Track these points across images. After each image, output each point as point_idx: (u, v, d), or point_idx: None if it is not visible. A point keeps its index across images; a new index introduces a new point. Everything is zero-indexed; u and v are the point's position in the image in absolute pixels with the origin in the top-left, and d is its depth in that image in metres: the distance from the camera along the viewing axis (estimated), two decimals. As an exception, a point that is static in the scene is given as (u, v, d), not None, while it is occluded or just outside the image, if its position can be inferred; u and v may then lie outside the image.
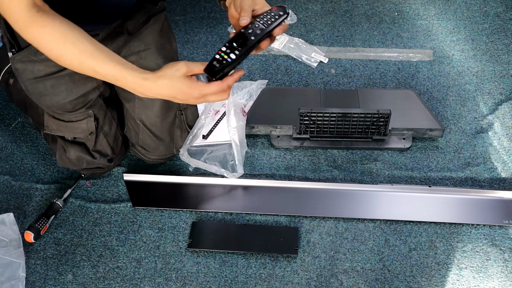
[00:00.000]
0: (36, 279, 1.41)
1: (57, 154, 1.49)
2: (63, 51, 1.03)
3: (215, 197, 1.54)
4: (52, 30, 1.02)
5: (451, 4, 2.08)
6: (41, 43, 1.03)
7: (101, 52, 1.04)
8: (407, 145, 1.63)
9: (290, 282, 1.39)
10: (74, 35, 1.03)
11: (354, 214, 1.49)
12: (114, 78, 1.03)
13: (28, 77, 1.32)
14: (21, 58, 1.29)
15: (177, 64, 1.01)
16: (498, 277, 1.38)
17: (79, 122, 1.43)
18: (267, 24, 1.01)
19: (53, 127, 1.45)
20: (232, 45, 0.99)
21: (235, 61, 0.99)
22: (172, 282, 1.39)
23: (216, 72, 0.99)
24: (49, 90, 1.35)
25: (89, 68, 1.04)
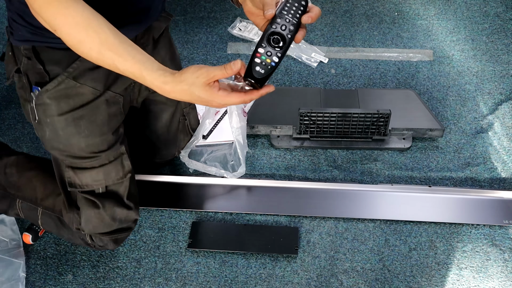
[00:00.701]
0: (36, 279, 1.41)
1: (82, 218, 1.28)
2: (84, 38, 0.94)
3: (215, 197, 1.54)
4: (75, 12, 0.93)
5: (451, 4, 2.08)
6: (61, 25, 0.94)
7: (123, 45, 0.96)
8: (407, 145, 1.63)
9: (290, 282, 1.39)
10: (98, 22, 0.95)
11: (354, 214, 1.49)
12: (132, 75, 0.97)
13: (60, 112, 1.17)
14: (56, 87, 1.15)
15: (199, 70, 0.92)
16: (498, 277, 1.38)
17: (113, 163, 1.27)
18: (295, 14, 0.94)
19: (80, 182, 1.25)
20: (270, 45, 0.92)
21: (279, 63, 0.92)
22: (172, 282, 1.40)
23: (263, 79, 0.92)
24: (85, 126, 1.20)
25: (108, 60, 0.96)
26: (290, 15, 0.93)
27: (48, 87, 1.14)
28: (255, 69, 0.91)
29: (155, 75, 0.94)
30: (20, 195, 1.37)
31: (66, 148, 1.22)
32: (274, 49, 0.92)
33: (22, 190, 1.37)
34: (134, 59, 0.94)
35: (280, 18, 0.93)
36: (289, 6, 0.94)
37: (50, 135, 1.20)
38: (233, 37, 1.98)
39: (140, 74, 0.94)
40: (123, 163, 1.28)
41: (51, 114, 1.17)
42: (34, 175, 1.37)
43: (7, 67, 1.21)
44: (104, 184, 1.26)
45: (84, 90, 1.16)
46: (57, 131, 1.19)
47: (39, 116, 1.18)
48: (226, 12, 2.08)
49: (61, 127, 1.19)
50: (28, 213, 1.38)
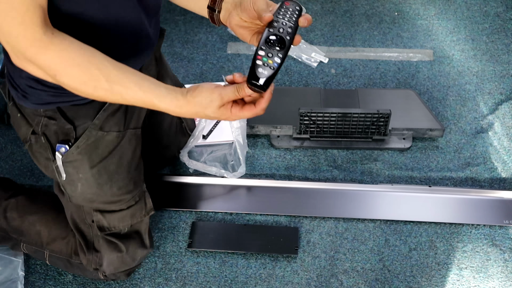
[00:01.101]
0: (36, 279, 1.40)
1: (104, 261, 1.29)
2: (87, 78, 0.90)
3: (215, 197, 1.54)
4: (73, 53, 0.89)
5: (451, 4, 2.08)
6: (62, 69, 0.90)
7: (127, 76, 0.92)
8: (407, 145, 1.63)
9: (290, 282, 1.39)
10: (98, 58, 0.91)
11: (354, 214, 1.49)
12: (144, 105, 0.94)
13: (92, 164, 1.15)
14: (86, 142, 1.12)
15: (212, 94, 0.91)
16: (498, 277, 1.38)
17: (138, 202, 1.28)
18: (291, 18, 0.93)
19: (108, 224, 1.25)
20: (270, 47, 0.90)
21: (281, 64, 0.90)
22: (172, 282, 1.39)
23: (267, 81, 0.89)
24: (115, 171, 1.19)
25: (116, 96, 0.93)
26: (286, 19, 0.93)
27: (78, 143, 1.11)
28: (258, 71, 0.88)
29: (167, 101, 0.92)
30: (24, 240, 1.36)
31: (98, 198, 1.21)
32: (274, 50, 0.90)
33: (25, 235, 1.35)
34: (141, 89, 0.92)
35: (277, 22, 0.92)
36: (284, 11, 0.94)
37: (82, 188, 1.18)
38: (233, 37, 1.98)
39: (151, 103, 0.93)
40: (145, 201, 1.30)
41: (83, 169, 1.15)
42: (37, 219, 1.35)
43: (20, 130, 1.16)
44: (129, 224, 1.28)
45: (110, 136, 1.15)
46: (90, 183, 1.17)
47: (68, 173, 1.15)
48: (226, 12, 2.08)
49: (95, 178, 1.17)
50: (34, 254, 1.38)
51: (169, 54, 1.93)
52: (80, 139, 1.11)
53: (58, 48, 0.88)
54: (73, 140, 1.11)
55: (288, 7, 0.95)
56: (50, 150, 1.13)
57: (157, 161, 1.56)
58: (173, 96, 0.92)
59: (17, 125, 1.16)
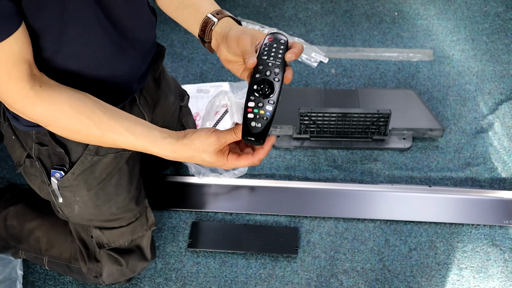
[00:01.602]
0: (35, 279, 1.40)
1: (104, 272, 1.28)
2: (78, 127, 0.90)
3: (215, 197, 1.54)
4: (62, 106, 0.89)
5: (451, 4, 2.08)
6: (52, 121, 0.90)
7: (119, 122, 0.91)
8: (407, 145, 1.63)
9: (290, 282, 1.39)
10: (87, 106, 0.90)
11: (354, 214, 1.49)
12: (137, 150, 0.93)
13: (89, 188, 1.14)
14: (81, 167, 1.10)
15: (209, 138, 0.88)
16: (498, 277, 1.38)
17: (139, 219, 1.26)
18: (277, 56, 0.86)
19: (107, 240, 1.25)
20: (259, 95, 0.84)
21: (275, 112, 0.84)
22: (172, 282, 1.39)
23: (262, 134, 0.83)
24: (113, 192, 1.18)
25: (109, 142, 0.92)
26: (272, 58, 0.86)
27: (73, 170, 1.10)
28: (251, 125, 0.83)
29: (161, 146, 0.91)
30: (23, 247, 1.36)
31: (96, 217, 1.20)
32: (264, 98, 0.83)
33: (24, 242, 1.35)
34: (134, 135, 0.91)
35: (263, 64, 0.85)
36: (268, 49, 0.87)
37: (80, 210, 1.17)
38: (233, 37, 1.98)
39: (144, 148, 0.91)
40: (147, 217, 1.29)
41: (80, 192, 1.14)
42: (36, 226, 1.35)
43: (13, 153, 1.15)
44: (130, 240, 1.27)
45: (107, 159, 1.13)
46: (88, 205, 1.16)
47: (65, 197, 1.14)
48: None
49: (92, 201, 1.16)
50: (34, 260, 1.38)
51: (169, 54, 1.93)
52: (75, 166, 1.09)
53: (46, 102, 0.88)
54: (67, 166, 1.09)
55: (271, 43, 0.88)
56: (45, 174, 1.12)
57: (159, 164, 1.56)
58: (168, 141, 0.90)
59: (11, 147, 1.15)
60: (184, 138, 0.90)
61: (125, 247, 1.28)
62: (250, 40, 0.88)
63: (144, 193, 1.28)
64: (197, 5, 0.99)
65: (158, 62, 1.24)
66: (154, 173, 1.58)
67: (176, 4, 1.02)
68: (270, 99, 0.84)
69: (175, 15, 1.04)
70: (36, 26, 0.86)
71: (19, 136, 1.12)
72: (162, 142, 0.90)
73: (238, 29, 0.91)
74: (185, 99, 1.45)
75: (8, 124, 1.12)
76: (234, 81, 1.83)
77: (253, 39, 0.89)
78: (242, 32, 0.90)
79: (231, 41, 0.90)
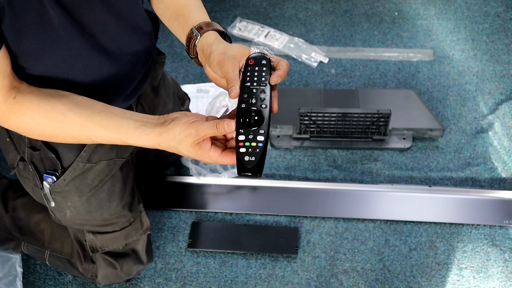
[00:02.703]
0: (35, 279, 1.40)
1: (99, 274, 1.29)
2: (52, 132, 0.90)
3: (215, 197, 1.54)
4: (32, 115, 0.88)
5: (451, 4, 2.08)
6: (27, 131, 0.91)
7: (91, 120, 0.88)
8: (407, 145, 1.63)
9: (290, 282, 1.39)
10: (57, 110, 0.88)
11: (354, 214, 1.49)
12: (114, 143, 0.90)
13: (81, 194, 1.13)
14: (73, 174, 1.10)
15: (187, 129, 0.81)
16: (498, 277, 1.38)
17: (133, 223, 1.26)
18: (260, 80, 0.81)
19: (101, 244, 1.24)
20: (248, 127, 0.79)
21: (267, 141, 0.79)
22: (172, 282, 1.39)
23: (257, 167, 0.79)
24: (106, 199, 1.17)
25: (86, 140, 0.91)
26: (255, 83, 0.81)
27: (65, 177, 1.09)
28: (245, 160, 0.78)
29: (135, 136, 0.86)
30: (26, 239, 1.36)
31: (88, 222, 1.20)
32: (254, 129, 0.79)
33: (28, 234, 1.35)
34: (107, 129, 0.87)
35: (247, 92, 0.81)
36: (250, 74, 0.82)
37: (71, 215, 1.17)
38: (233, 37, 1.98)
39: (120, 141, 0.88)
40: (141, 221, 1.28)
41: (72, 198, 1.13)
42: (41, 218, 1.35)
43: (7, 155, 1.15)
44: (124, 244, 1.26)
45: (99, 166, 1.12)
46: (80, 211, 1.16)
47: (56, 201, 1.14)
48: (226, 12, 2.08)
49: (84, 207, 1.16)
50: (35, 254, 1.38)
51: (169, 54, 1.92)
52: (66, 172, 1.09)
53: (17, 114, 0.88)
54: (60, 171, 1.09)
55: (253, 66, 0.83)
56: (38, 178, 1.11)
57: (160, 164, 1.56)
58: (141, 130, 0.85)
59: (5, 149, 1.15)
60: (161, 127, 0.84)
61: (119, 250, 1.27)
62: (231, 64, 0.84)
63: (138, 199, 1.28)
64: (186, 16, 0.96)
65: (158, 71, 1.22)
66: (154, 173, 1.58)
67: (168, 15, 1.00)
68: (260, 129, 0.79)
69: (168, 25, 1.02)
70: (15, 50, 0.86)
71: (13, 138, 1.12)
72: (135, 132, 0.85)
73: (219, 50, 0.86)
74: (185, 103, 1.44)
75: None
76: (234, 81, 1.82)
77: (235, 62, 0.84)
78: (223, 55, 0.85)
79: (213, 64, 0.87)
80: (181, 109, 1.40)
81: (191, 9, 0.97)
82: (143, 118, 0.87)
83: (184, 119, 0.83)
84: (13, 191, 1.39)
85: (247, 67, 0.83)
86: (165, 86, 1.30)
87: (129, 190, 1.23)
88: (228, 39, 0.93)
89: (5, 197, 1.38)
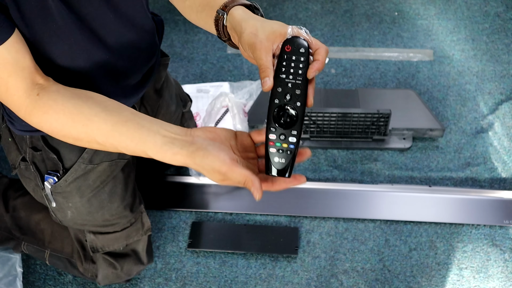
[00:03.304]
0: (35, 279, 1.40)
1: (99, 274, 1.29)
2: (76, 135, 0.85)
3: (215, 197, 1.54)
4: (56, 115, 0.84)
5: (451, 4, 2.08)
6: (50, 130, 0.87)
7: (118, 129, 0.83)
8: (407, 145, 1.63)
9: (290, 282, 1.39)
10: (83, 114, 0.84)
11: (354, 214, 1.49)
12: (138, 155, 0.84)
13: (82, 195, 1.13)
14: (74, 175, 1.09)
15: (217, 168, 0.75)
16: (498, 277, 1.38)
17: (134, 224, 1.25)
18: (297, 71, 0.76)
19: (101, 244, 1.24)
20: (280, 126, 0.76)
21: (298, 143, 0.76)
22: (172, 282, 1.39)
23: (284, 171, 0.76)
24: (107, 200, 1.16)
25: (110, 148, 0.86)
26: (291, 76, 0.76)
27: (66, 178, 1.08)
28: (274, 160, 0.75)
29: (161, 152, 0.80)
30: (26, 239, 1.36)
31: (89, 222, 1.20)
32: (286, 129, 0.76)
33: (28, 233, 1.36)
34: (133, 141, 0.82)
35: (281, 86, 0.76)
36: (286, 63, 0.76)
37: (72, 215, 1.16)
38: (233, 37, 1.98)
39: (145, 154, 0.83)
40: (142, 222, 1.27)
41: (73, 199, 1.13)
42: (42, 218, 1.35)
43: (9, 155, 1.14)
44: (125, 244, 1.26)
45: (101, 167, 1.11)
46: (81, 211, 1.16)
47: (58, 202, 1.13)
48: (226, 12, 2.08)
49: (85, 208, 1.15)
50: (35, 254, 1.38)
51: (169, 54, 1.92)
52: (68, 173, 1.08)
53: (41, 112, 0.85)
54: (61, 172, 1.08)
55: (289, 54, 0.76)
56: (39, 179, 1.11)
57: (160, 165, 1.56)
58: (168, 147, 0.79)
59: (7, 149, 1.15)
60: (189, 149, 0.78)
61: (120, 251, 1.27)
62: (264, 48, 0.77)
63: (140, 199, 1.28)
64: (211, 3, 0.88)
65: (161, 73, 1.22)
66: (154, 173, 1.58)
67: (195, 10, 0.93)
68: (293, 130, 0.75)
69: (197, 21, 0.95)
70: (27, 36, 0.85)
71: (15, 138, 1.11)
72: (162, 149, 0.80)
73: (250, 29, 0.79)
74: (187, 105, 1.44)
75: (5, 126, 1.11)
76: (234, 81, 1.83)
77: (268, 44, 0.77)
78: (254, 36, 0.78)
79: (245, 47, 0.80)
80: (183, 111, 1.40)
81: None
82: (171, 133, 0.80)
83: (214, 151, 0.76)
84: (13, 190, 1.39)
85: (283, 54, 0.76)
86: (168, 88, 1.30)
87: (130, 191, 1.23)
88: (259, 12, 0.85)
89: (6, 196, 1.38)
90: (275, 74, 0.76)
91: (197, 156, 0.76)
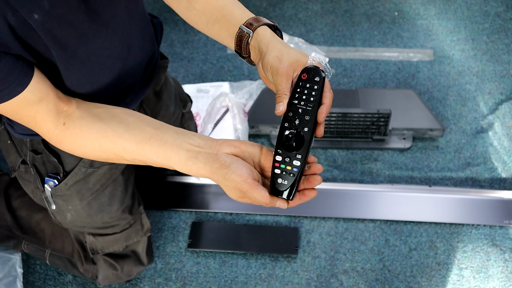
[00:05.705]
0: (35, 279, 1.40)
1: (100, 275, 1.30)
2: (106, 156, 0.88)
3: (215, 197, 1.54)
4: (83, 142, 0.88)
5: (451, 4, 2.08)
6: (82, 155, 0.91)
7: (142, 147, 0.85)
8: (407, 145, 1.62)
9: (290, 282, 1.39)
10: (108, 138, 0.86)
11: (354, 214, 1.49)
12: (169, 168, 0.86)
13: (82, 198, 1.14)
14: (75, 178, 1.10)
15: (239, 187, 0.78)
16: (498, 277, 1.38)
17: (133, 225, 1.27)
18: (309, 99, 0.78)
19: (101, 246, 1.25)
20: (287, 148, 0.78)
21: (302, 167, 0.78)
22: (172, 282, 1.39)
23: (287, 192, 0.79)
24: (107, 202, 1.18)
25: (140, 163, 0.88)
26: (303, 102, 0.78)
27: (67, 181, 1.09)
28: (278, 182, 0.78)
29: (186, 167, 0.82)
30: (26, 238, 1.36)
31: (89, 225, 1.21)
32: (292, 152, 0.78)
33: (29, 233, 1.36)
34: (158, 157, 0.84)
35: (293, 111, 0.78)
36: (300, 90, 0.79)
37: (72, 218, 1.17)
38: (233, 37, 1.97)
39: (171, 167, 0.85)
40: (142, 223, 1.28)
41: (73, 202, 1.14)
42: (42, 217, 1.35)
43: (9, 157, 1.15)
44: (124, 246, 1.27)
45: (101, 171, 1.12)
46: (81, 214, 1.16)
47: (57, 204, 1.14)
48: (226, 12, 2.08)
49: (85, 210, 1.16)
50: (35, 253, 1.38)
51: (169, 54, 1.92)
52: (68, 177, 1.09)
53: (70, 140, 0.88)
54: (61, 175, 1.09)
55: (305, 82, 0.79)
56: (40, 181, 1.11)
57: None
58: (192, 162, 0.81)
59: (6, 152, 1.15)
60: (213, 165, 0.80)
61: (120, 252, 1.28)
62: (285, 75, 0.79)
63: (139, 201, 1.28)
64: (227, 16, 0.89)
65: (160, 75, 1.22)
66: (154, 173, 1.58)
67: (206, 20, 0.93)
68: (298, 154, 0.78)
69: (207, 31, 0.94)
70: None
71: (14, 141, 1.11)
72: (186, 164, 0.82)
73: (275, 54, 0.80)
74: (187, 105, 1.44)
75: (4, 128, 1.11)
76: (234, 81, 1.82)
77: (289, 71, 0.80)
78: (278, 60, 0.79)
79: (266, 68, 0.81)
80: (183, 111, 1.40)
81: (232, 8, 0.90)
82: (194, 147, 0.82)
83: (238, 170, 0.78)
84: (14, 188, 1.39)
85: (299, 81, 0.79)
86: (167, 89, 1.30)
87: (130, 194, 1.23)
88: (279, 33, 0.88)
89: (7, 195, 1.38)
90: (289, 99, 0.79)
91: (220, 173, 0.79)
